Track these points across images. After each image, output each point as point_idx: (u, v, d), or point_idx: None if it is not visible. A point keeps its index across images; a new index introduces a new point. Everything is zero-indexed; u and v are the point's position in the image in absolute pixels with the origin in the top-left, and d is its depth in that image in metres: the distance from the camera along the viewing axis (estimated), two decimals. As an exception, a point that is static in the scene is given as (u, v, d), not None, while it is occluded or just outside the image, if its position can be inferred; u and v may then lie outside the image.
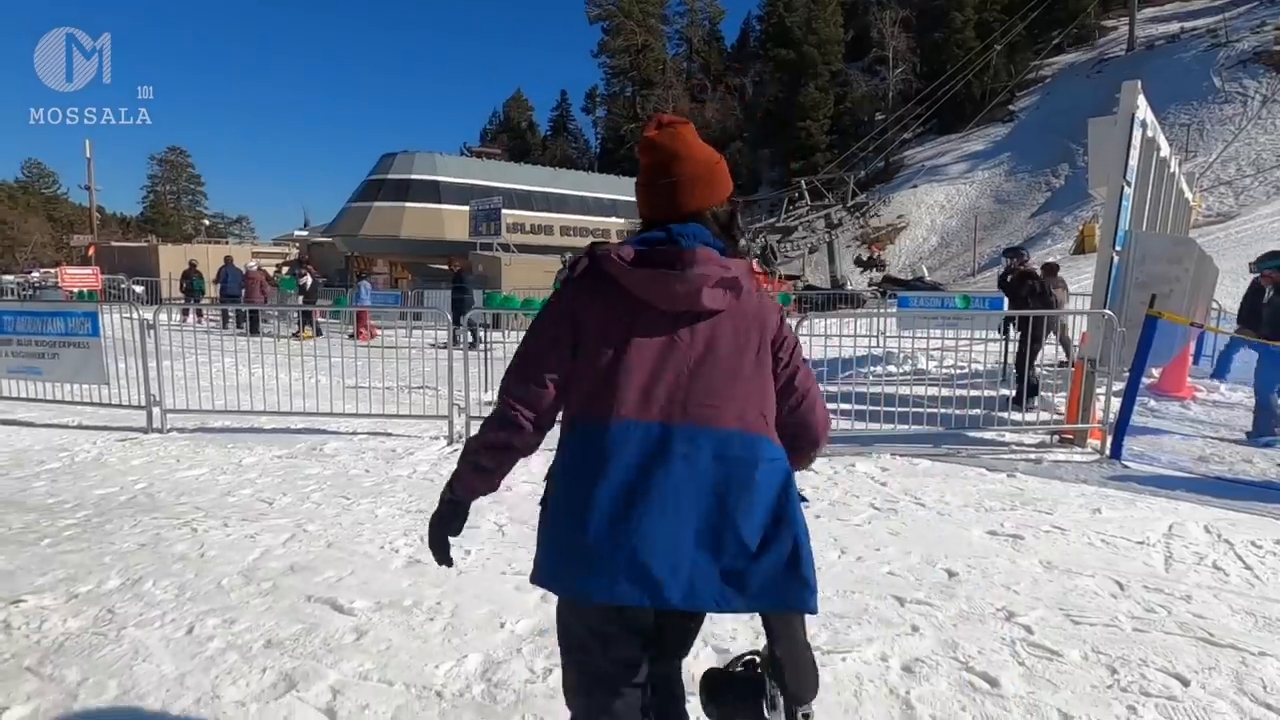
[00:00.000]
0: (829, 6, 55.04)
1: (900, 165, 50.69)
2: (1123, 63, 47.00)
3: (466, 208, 21.75)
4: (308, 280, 15.34)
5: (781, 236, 31.26)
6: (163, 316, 6.71)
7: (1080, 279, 21.56)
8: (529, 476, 4.57)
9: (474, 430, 5.51)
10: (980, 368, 9.31)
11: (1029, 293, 7.34)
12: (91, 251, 28.46)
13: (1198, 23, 47.30)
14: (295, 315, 13.01)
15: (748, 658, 1.47)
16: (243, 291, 15.54)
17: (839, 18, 55.21)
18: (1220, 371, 8.35)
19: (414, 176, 23.10)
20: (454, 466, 1.44)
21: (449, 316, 5.99)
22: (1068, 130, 43.91)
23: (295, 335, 11.39)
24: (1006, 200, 42.90)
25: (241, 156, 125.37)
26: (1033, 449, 5.35)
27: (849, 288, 25.93)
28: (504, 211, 20.44)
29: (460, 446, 4.55)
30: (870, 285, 27.54)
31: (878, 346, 11.35)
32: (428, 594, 2.91)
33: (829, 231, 32.92)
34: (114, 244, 36.46)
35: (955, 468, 4.83)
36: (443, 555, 1.49)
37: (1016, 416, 5.91)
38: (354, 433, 5.75)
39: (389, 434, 5.73)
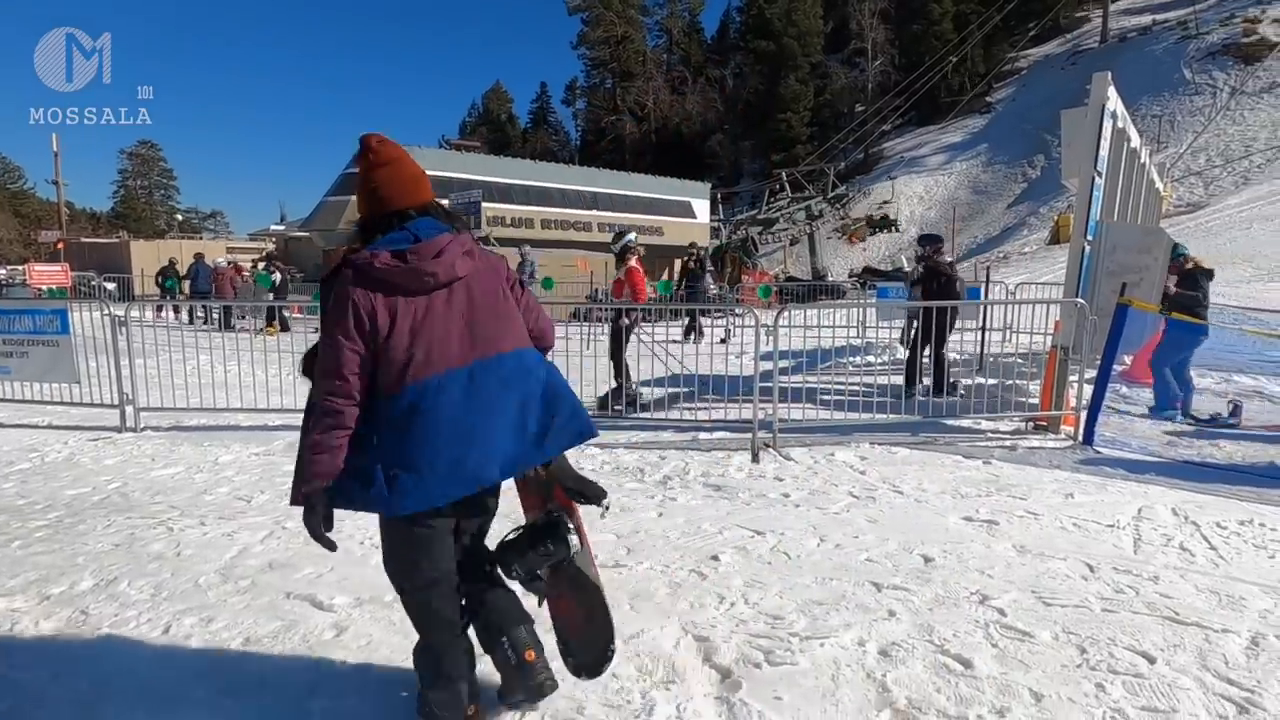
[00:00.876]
0: (807, -1, 55.11)
1: (880, 157, 51.06)
2: (1096, 54, 47.66)
3: (445, 201, 21.52)
4: (276, 276, 15.30)
5: (763, 228, 31.38)
6: (135, 313, 6.59)
7: (1055, 268, 21.94)
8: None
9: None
10: (956, 357, 9.45)
11: (937, 283, 7.27)
12: (60, 247, 27.84)
13: (1168, 15, 48.03)
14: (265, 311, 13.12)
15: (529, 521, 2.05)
16: (213, 288, 15.47)
17: (818, 10, 55.28)
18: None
19: (392, 169, 22.80)
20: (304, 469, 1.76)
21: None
22: (1043, 121, 44.46)
23: (260, 331, 11.55)
24: (984, 191, 43.40)
25: (216, 150, 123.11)
26: (1008, 436, 5.44)
27: (830, 279, 26.09)
28: (484, 205, 20.27)
29: None
30: (850, 276, 27.75)
31: (858, 337, 11.46)
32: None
33: (809, 223, 33.10)
34: (84, 240, 35.68)
35: (933, 455, 4.90)
36: (329, 544, 1.80)
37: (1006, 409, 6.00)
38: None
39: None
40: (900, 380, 6.90)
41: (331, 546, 1.80)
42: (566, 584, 2.02)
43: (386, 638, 2.49)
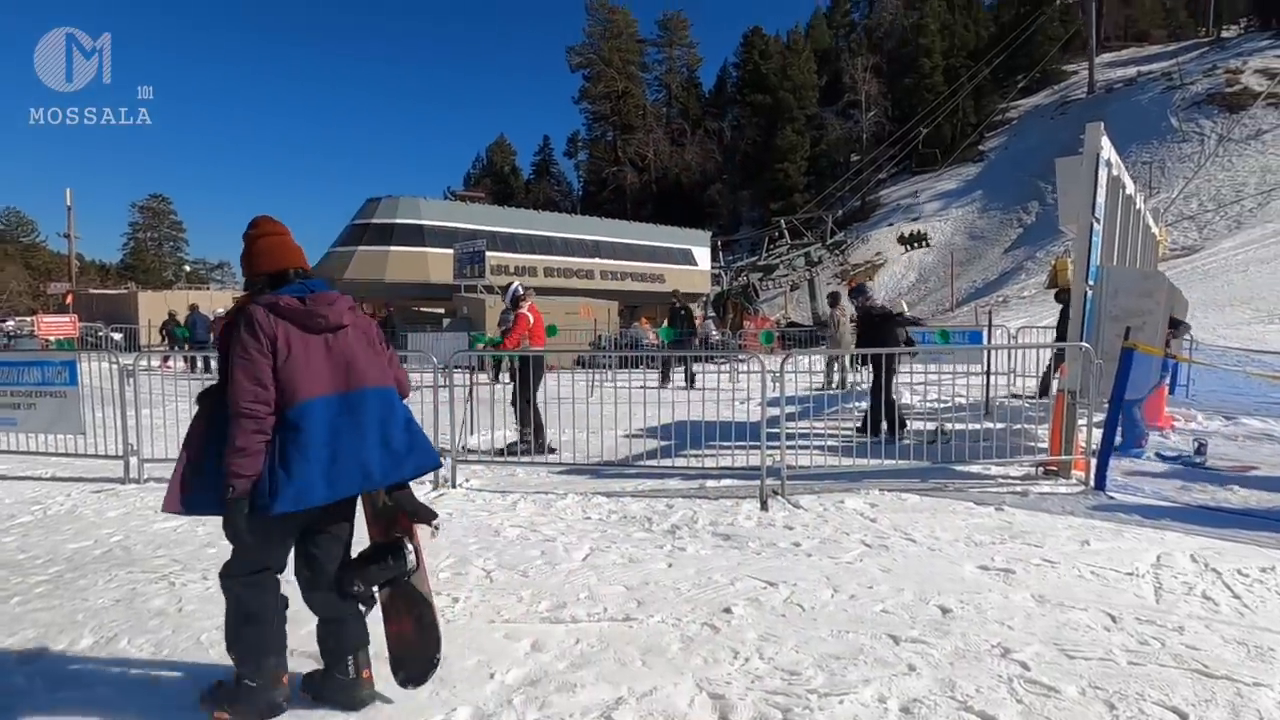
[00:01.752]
0: (802, 54, 57.05)
1: (876, 204, 51.95)
2: (1084, 104, 49.03)
3: (451, 251, 21.88)
4: None
5: (763, 275, 31.69)
6: (142, 363, 6.62)
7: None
8: (518, 522, 4.53)
9: (461, 475, 5.41)
10: (963, 401, 9.42)
11: (883, 330, 7.57)
12: (69, 299, 28.14)
13: (1152, 66, 49.59)
14: None
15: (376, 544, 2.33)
16: (211, 336, 15.71)
17: (812, 64, 57.17)
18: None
19: (398, 220, 23.24)
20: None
21: (434, 360, 5.95)
22: (1036, 169, 45.43)
23: None
24: (980, 236, 44.01)
25: (225, 202, 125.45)
26: (1018, 481, 5.38)
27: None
28: (488, 254, 20.57)
29: (446, 491, 4.58)
30: (851, 321, 27.84)
31: (863, 382, 11.45)
32: (415, 645, 2.84)
33: (809, 269, 33.43)
34: (92, 291, 36.09)
35: (944, 502, 4.84)
36: (250, 541, 2.12)
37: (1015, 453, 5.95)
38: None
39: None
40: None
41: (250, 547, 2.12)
42: (403, 601, 2.32)
43: (391, 695, 2.41)
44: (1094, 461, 5.12)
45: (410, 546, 2.25)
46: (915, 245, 37.81)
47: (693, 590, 3.35)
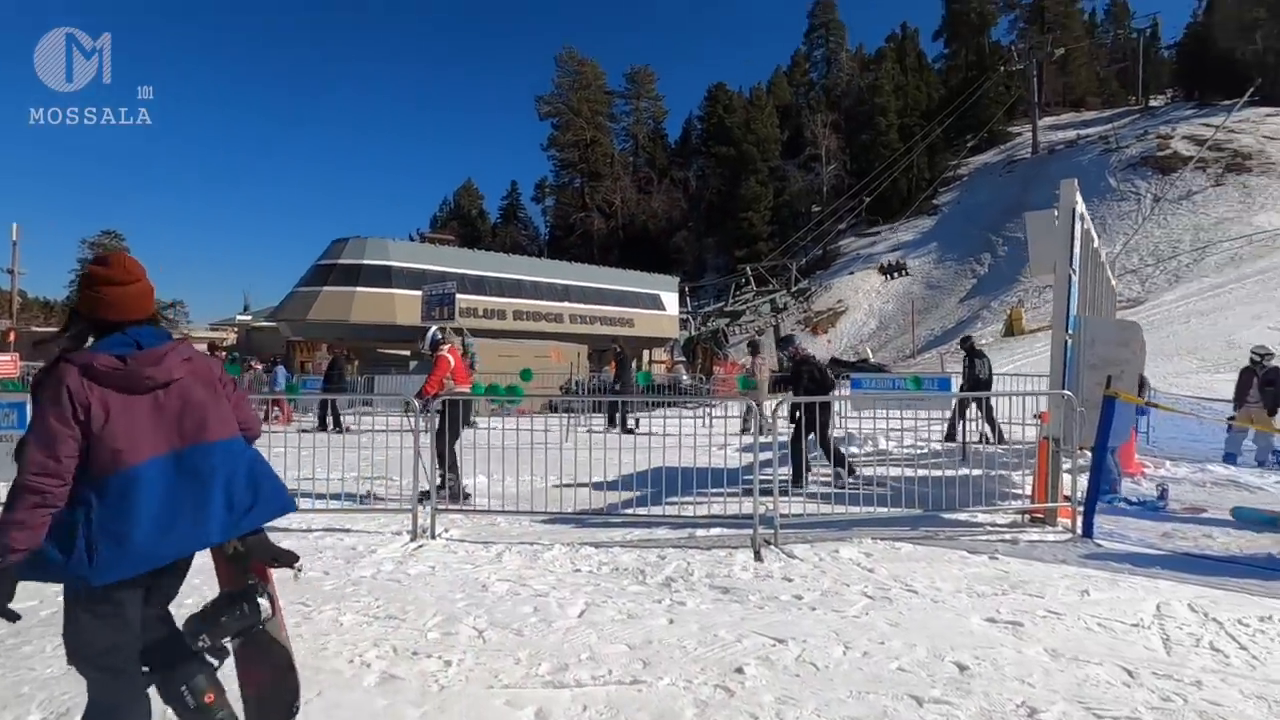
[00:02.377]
0: (765, 109, 59.28)
1: (837, 253, 53.49)
2: (1029, 164, 51.81)
3: (418, 292, 21.63)
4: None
5: (730, 320, 32.12)
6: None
7: (1014, 359, 22.75)
8: (505, 575, 4.32)
9: (440, 524, 5.18)
10: (938, 446, 9.51)
11: (809, 377, 7.63)
12: (12, 338, 26.83)
13: (1090, 130, 52.87)
14: None
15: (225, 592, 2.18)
16: None
17: (774, 119, 59.38)
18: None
19: (365, 261, 22.94)
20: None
21: (415, 402, 5.75)
22: (987, 223, 47.58)
23: None
24: (937, 286, 45.55)
25: (181, 239, 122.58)
26: (1006, 529, 5.39)
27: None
28: (457, 296, 20.37)
29: (425, 542, 4.35)
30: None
31: (837, 428, 11.50)
32: (407, 714, 2.63)
33: (775, 315, 34.06)
34: (34, 329, 34.54)
35: (937, 550, 4.80)
36: (11, 616, 1.89)
37: (996, 500, 5.97)
38: (308, 529, 5.35)
39: (348, 530, 5.35)
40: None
41: (13, 618, 1.89)
42: (258, 650, 2.21)
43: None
44: (1080, 509, 5.16)
45: (263, 591, 2.13)
46: (895, 275, 39.55)
47: (699, 649, 3.20)
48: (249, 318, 37.08)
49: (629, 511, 5.99)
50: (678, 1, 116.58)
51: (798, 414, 6.95)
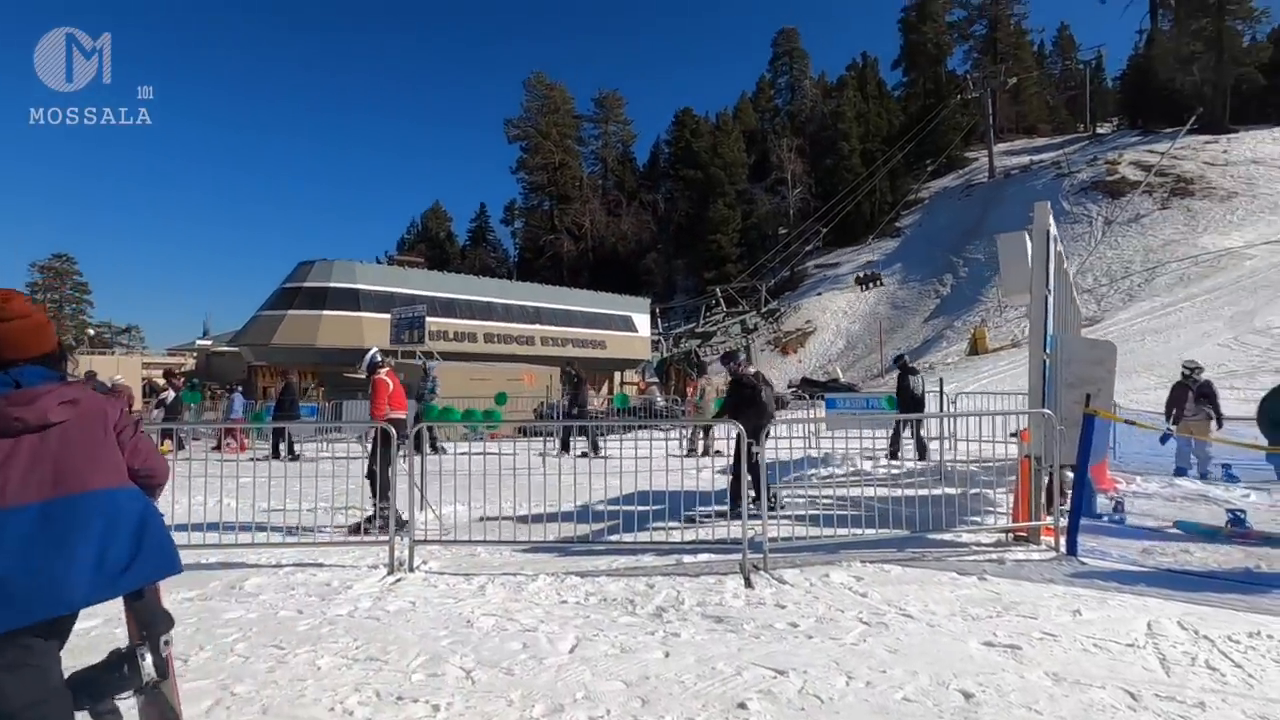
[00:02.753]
0: (731, 134, 60.32)
1: (804, 274, 54.33)
2: (987, 188, 53.51)
3: (387, 315, 21.28)
4: (169, 395, 14.57)
5: (701, 341, 32.27)
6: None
7: (979, 378, 23.22)
8: (490, 609, 4.16)
9: (418, 556, 4.98)
10: (912, 465, 9.58)
11: (746, 400, 7.09)
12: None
13: (1042, 156, 54.87)
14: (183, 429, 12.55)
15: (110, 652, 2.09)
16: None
17: (741, 143, 60.44)
18: None
19: (332, 284, 22.49)
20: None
21: (392, 432, 5.56)
22: (948, 244, 48.88)
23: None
24: (902, 306, 46.46)
25: (140, 261, 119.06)
26: (992, 549, 5.40)
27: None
28: (427, 319, 20.09)
29: (403, 576, 4.21)
30: (790, 387, 28.55)
31: (812, 448, 11.53)
32: (396, 768, 2.46)
33: (745, 336, 34.33)
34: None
35: (927, 572, 4.77)
36: None
37: (973, 517, 6.00)
38: (279, 565, 5.11)
39: (320, 565, 5.12)
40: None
41: None
42: (150, 713, 2.13)
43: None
44: (1064, 526, 5.20)
45: (144, 655, 2.03)
46: (870, 286, 40.95)
47: (698, 684, 3.09)
48: (209, 342, 36.01)
49: (613, 539, 5.87)
50: (645, 29, 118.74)
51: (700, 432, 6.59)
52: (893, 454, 10.44)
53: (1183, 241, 36.77)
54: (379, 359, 7.14)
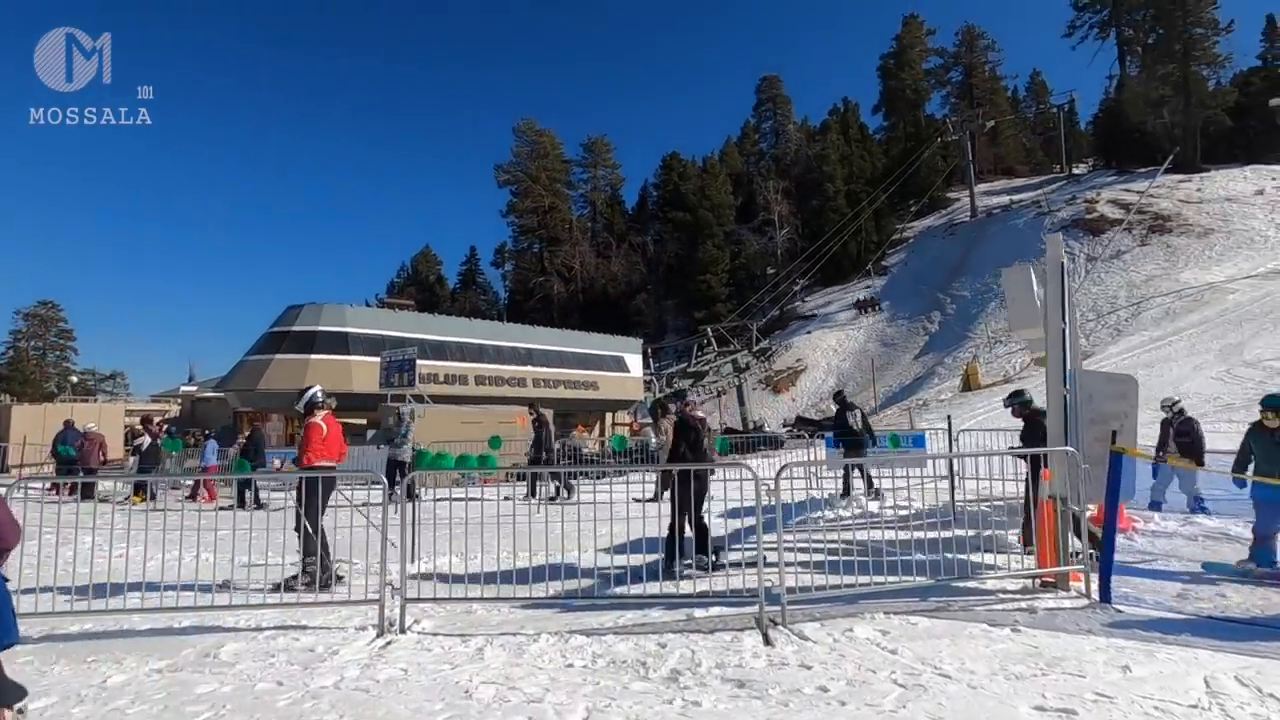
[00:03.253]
0: (718, 176, 61.28)
1: (794, 314, 54.62)
2: (969, 227, 54.48)
3: (377, 359, 20.95)
4: (144, 442, 14.18)
5: (694, 381, 32.07)
6: (20, 485, 5.55)
7: (975, 414, 23.08)
8: (490, 676, 3.80)
9: (410, 614, 4.63)
10: (919, 506, 9.30)
11: (692, 444, 6.55)
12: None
13: (1022, 196, 56.08)
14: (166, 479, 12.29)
15: None
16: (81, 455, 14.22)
17: (728, 186, 61.37)
18: None
19: (321, 328, 22.19)
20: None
21: (384, 479, 5.25)
22: (934, 282, 49.48)
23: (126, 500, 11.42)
24: (891, 344, 46.67)
25: (125, 308, 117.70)
26: (1018, 595, 5.11)
27: (767, 429, 26.47)
28: (418, 362, 19.77)
29: (394, 638, 3.90)
30: (785, 426, 28.30)
31: (814, 488, 11.22)
32: None
33: (737, 375, 34.16)
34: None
35: (957, 624, 4.47)
36: None
37: (991, 558, 5.72)
38: (258, 628, 4.73)
39: (304, 627, 4.74)
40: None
41: None
42: None
43: None
44: (1093, 572, 4.94)
45: None
46: (869, 311, 41.57)
47: (727, 762, 2.77)
48: (194, 388, 35.40)
49: (618, 591, 5.52)
50: (631, 76, 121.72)
51: (676, 485, 5.67)
52: (844, 493, 10.35)
53: (1164, 277, 37.33)
54: (319, 398, 6.44)
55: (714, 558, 6.11)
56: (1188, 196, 46.05)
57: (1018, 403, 7.66)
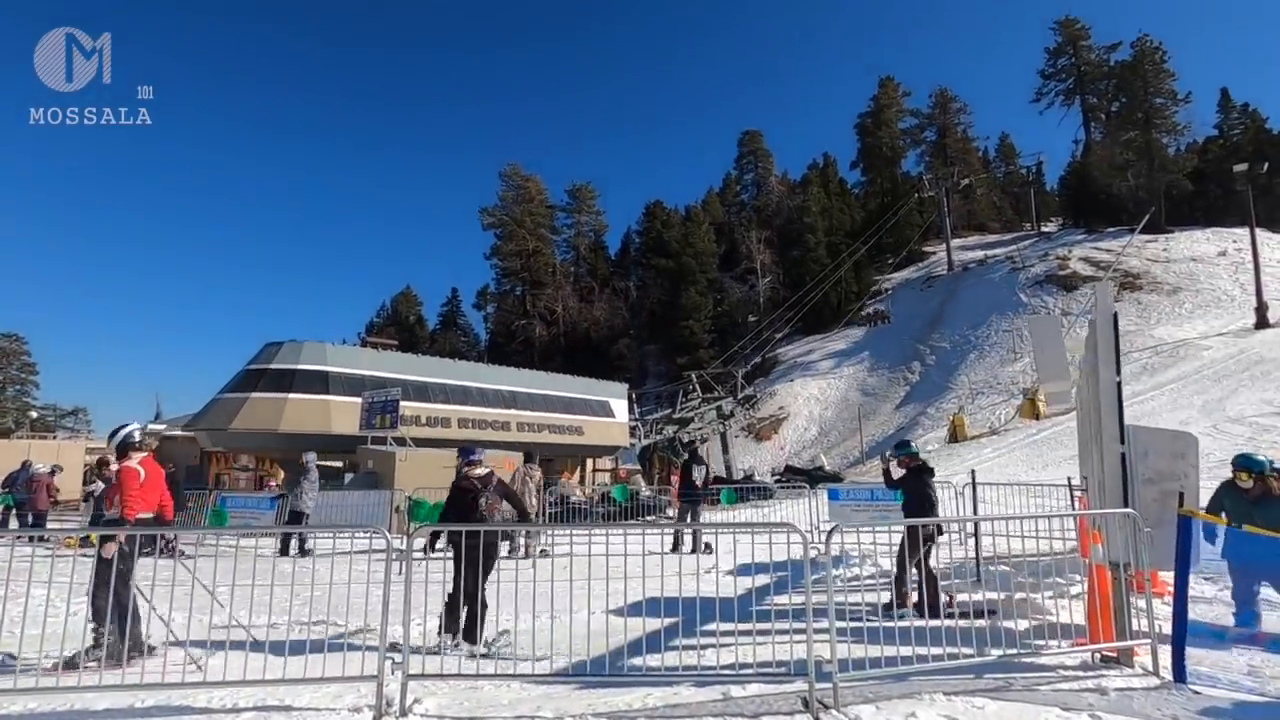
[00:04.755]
0: (701, 225, 62.17)
1: (776, 361, 54.82)
2: (947, 280, 55.65)
3: (357, 399, 20.25)
4: (97, 488, 13.33)
5: (679, 427, 31.63)
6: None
7: (966, 465, 22.90)
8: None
9: (411, 693, 4.09)
10: (944, 566, 8.89)
11: (466, 507, 6.15)
12: None
13: (995, 251, 57.66)
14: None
15: None
16: (30, 498, 13.35)
17: (711, 234, 62.24)
18: None
19: (300, 366, 21.45)
20: None
21: (385, 534, 4.71)
22: (913, 333, 50.14)
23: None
24: (872, 393, 46.85)
25: (93, 342, 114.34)
26: (1080, 672, 4.70)
27: (756, 478, 26.02)
28: (401, 403, 19.13)
29: None
30: (773, 475, 27.87)
31: (814, 543, 10.74)
32: None
33: (721, 422, 33.82)
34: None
35: (1026, 709, 4.03)
36: None
37: (1023, 623, 5.31)
38: (235, 709, 4.12)
39: (288, 708, 4.14)
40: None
41: None
42: None
43: None
44: (1154, 645, 4.56)
45: None
46: (878, 324, 42.31)
47: None
48: (162, 426, 34.03)
49: (637, 662, 5.00)
50: (616, 126, 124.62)
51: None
52: (673, 548, 10.09)
53: (1139, 333, 38.12)
54: (136, 438, 5.61)
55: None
56: (1155, 256, 47.61)
57: (905, 454, 7.57)
